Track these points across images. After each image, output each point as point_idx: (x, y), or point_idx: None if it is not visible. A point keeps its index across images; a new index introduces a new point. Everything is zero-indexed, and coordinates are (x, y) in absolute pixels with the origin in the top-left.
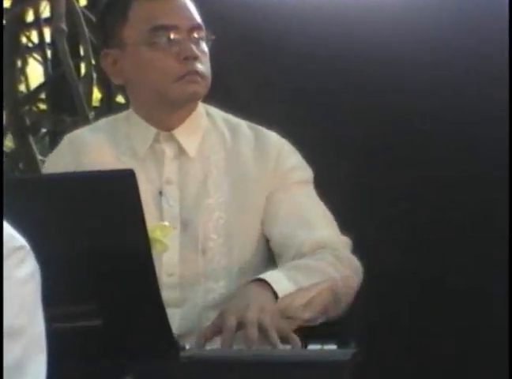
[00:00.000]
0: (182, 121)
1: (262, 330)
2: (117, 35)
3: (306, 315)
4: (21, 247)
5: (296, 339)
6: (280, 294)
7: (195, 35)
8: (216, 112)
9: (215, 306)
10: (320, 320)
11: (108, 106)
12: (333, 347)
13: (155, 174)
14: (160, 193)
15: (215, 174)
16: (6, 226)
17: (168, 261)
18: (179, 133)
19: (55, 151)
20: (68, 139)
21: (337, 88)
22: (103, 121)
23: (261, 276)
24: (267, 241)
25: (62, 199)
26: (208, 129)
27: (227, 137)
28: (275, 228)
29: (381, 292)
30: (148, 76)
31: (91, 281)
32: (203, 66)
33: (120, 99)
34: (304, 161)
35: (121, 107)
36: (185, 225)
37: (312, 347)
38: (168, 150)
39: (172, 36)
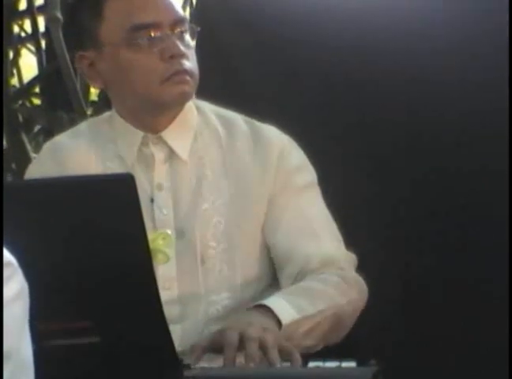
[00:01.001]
0: (170, 121)
1: (263, 347)
2: (92, 35)
3: (308, 342)
4: (8, 264)
5: (299, 358)
6: (283, 322)
7: (179, 29)
8: (208, 106)
9: (218, 319)
10: (319, 348)
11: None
12: (352, 364)
13: (145, 180)
14: (152, 200)
15: (210, 177)
16: None
17: (165, 274)
18: (169, 134)
19: (35, 161)
20: (48, 147)
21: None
22: (83, 125)
23: (265, 302)
24: (269, 249)
25: (56, 206)
26: (200, 126)
27: (221, 134)
28: (277, 238)
29: (402, 307)
30: (130, 78)
31: (89, 295)
32: (190, 63)
33: None
34: (307, 159)
35: None
36: (180, 234)
37: (329, 364)
38: (158, 154)
39: (153, 34)
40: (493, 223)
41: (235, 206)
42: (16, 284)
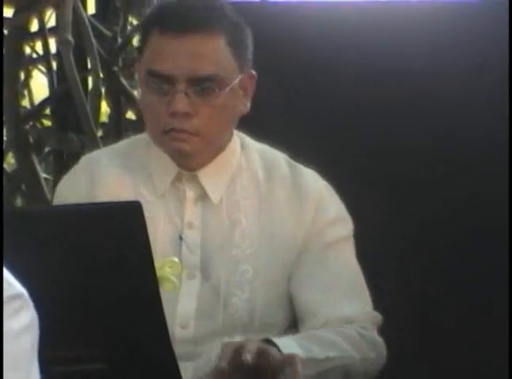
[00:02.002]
0: (209, 160)
1: (261, 350)
2: (139, 57)
3: None
4: (17, 296)
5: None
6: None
7: (196, 87)
8: (253, 144)
9: None
10: None
11: (117, 123)
12: None
13: (175, 214)
14: (181, 237)
15: (244, 223)
16: (3, 271)
17: (183, 312)
18: (204, 174)
19: (70, 174)
20: (84, 162)
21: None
22: (122, 144)
23: (271, 337)
24: (292, 299)
25: (63, 234)
26: (240, 168)
27: (261, 179)
28: (302, 290)
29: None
30: (144, 117)
31: (96, 323)
32: (199, 122)
33: (130, 115)
34: (344, 210)
35: (131, 124)
36: (206, 275)
37: None
38: (190, 192)
39: (164, 86)
40: None
41: (264, 255)
42: (27, 316)
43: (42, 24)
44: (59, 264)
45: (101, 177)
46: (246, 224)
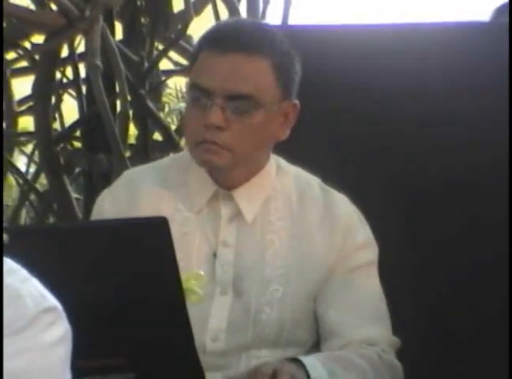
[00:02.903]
0: (245, 179)
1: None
2: (188, 73)
3: None
4: (52, 308)
5: None
6: (312, 376)
7: (231, 103)
8: (288, 168)
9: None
10: None
11: (145, 145)
12: None
13: (211, 232)
14: (215, 254)
15: (276, 245)
16: (36, 284)
17: (214, 326)
18: (239, 194)
19: (112, 187)
20: (125, 176)
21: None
22: (164, 161)
23: (299, 357)
24: (317, 319)
25: (93, 248)
26: (275, 190)
27: (294, 202)
28: (328, 312)
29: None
30: (184, 129)
31: (124, 334)
32: (231, 137)
33: (157, 136)
34: (371, 235)
35: (157, 145)
36: (238, 292)
37: None
38: (225, 210)
39: (203, 99)
40: None
41: (294, 277)
42: (60, 329)
43: (72, 50)
44: (89, 278)
45: (141, 192)
46: (279, 245)
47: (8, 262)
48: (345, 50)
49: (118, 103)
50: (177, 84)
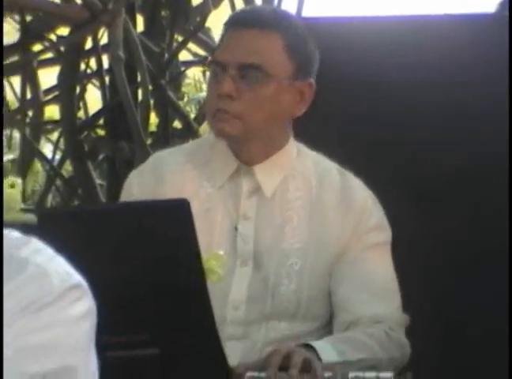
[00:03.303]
0: (264, 157)
1: (307, 361)
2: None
3: None
4: (77, 285)
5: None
6: (324, 360)
7: (245, 72)
8: (308, 153)
9: (275, 342)
10: None
11: (165, 132)
12: (389, 374)
13: (232, 206)
14: (236, 228)
15: (295, 221)
16: (61, 261)
17: (235, 296)
18: (260, 169)
19: (139, 169)
20: (153, 159)
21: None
22: (190, 143)
23: (310, 342)
24: (330, 294)
25: (117, 230)
26: (295, 171)
27: (313, 184)
28: (340, 288)
29: (437, 320)
30: (206, 104)
31: (148, 311)
32: (241, 106)
33: (177, 124)
34: (385, 218)
35: (177, 133)
36: (258, 265)
37: (368, 374)
38: (246, 185)
39: (219, 72)
40: None
41: (312, 251)
42: (85, 305)
43: (95, 42)
44: (113, 258)
45: (167, 171)
46: (297, 222)
47: (34, 242)
48: (359, 42)
49: (140, 92)
50: (195, 75)
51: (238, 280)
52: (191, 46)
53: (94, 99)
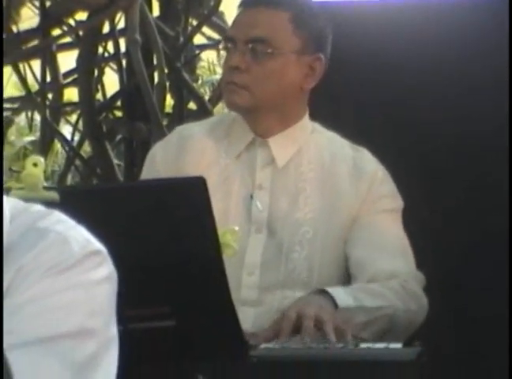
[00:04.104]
0: (279, 129)
1: (319, 323)
2: None
3: (364, 335)
4: (98, 252)
5: (350, 337)
6: (339, 305)
7: (252, 46)
8: (323, 132)
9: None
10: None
11: (180, 113)
12: (399, 345)
13: (248, 176)
14: (251, 196)
15: (308, 191)
16: (82, 230)
17: (250, 261)
18: (274, 141)
19: (164, 140)
20: (177, 131)
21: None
22: (214, 118)
23: (324, 287)
24: (347, 260)
25: (135, 207)
26: (309, 145)
27: (326, 158)
28: (355, 249)
29: (447, 290)
30: None
31: (165, 284)
32: (249, 77)
33: (192, 105)
34: (396, 190)
35: (192, 114)
36: (272, 232)
37: (378, 345)
38: (261, 156)
39: (230, 47)
40: None
41: (324, 220)
42: (106, 269)
43: (113, 26)
44: (133, 234)
45: (190, 143)
46: (310, 192)
47: (56, 214)
48: (370, 26)
49: (156, 74)
50: (209, 58)
51: (252, 247)
52: (205, 29)
53: (111, 81)
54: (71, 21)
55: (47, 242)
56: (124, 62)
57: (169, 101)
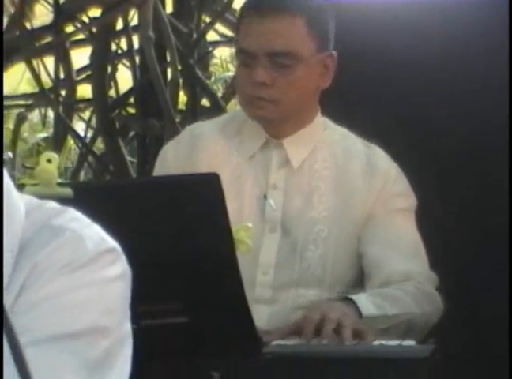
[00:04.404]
0: (294, 130)
1: (339, 327)
2: (236, 38)
3: (381, 339)
4: (112, 249)
5: (372, 337)
6: (364, 314)
7: (273, 60)
8: (335, 128)
9: (303, 308)
10: None
11: (193, 110)
12: (412, 342)
13: (262, 176)
14: (265, 196)
15: (322, 189)
16: (96, 228)
17: (264, 261)
18: (289, 142)
19: (175, 139)
20: (189, 129)
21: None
22: (225, 116)
23: (349, 296)
24: (361, 257)
25: (150, 203)
26: (322, 143)
27: (339, 155)
28: (370, 248)
29: (461, 288)
30: (236, 88)
31: (179, 281)
32: (276, 92)
33: (205, 102)
34: (410, 188)
35: (205, 110)
36: (286, 231)
37: (391, 342)
38: (275, 157)
39: (249, 61)
40: None
41: (338, 219)
42: (120, 267)
43: (126, 22)
44: (146, 230)
45: (201, 141)
46: (324, 191)
47: (71, 211)
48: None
49: (169, 71)
50: (222, 55)
51: (267, 246)
52: (218, 26)
53: (124, 78)
54: (84, 18)
55: (62, 239)
56: (137, 59)
57: (182, 98)
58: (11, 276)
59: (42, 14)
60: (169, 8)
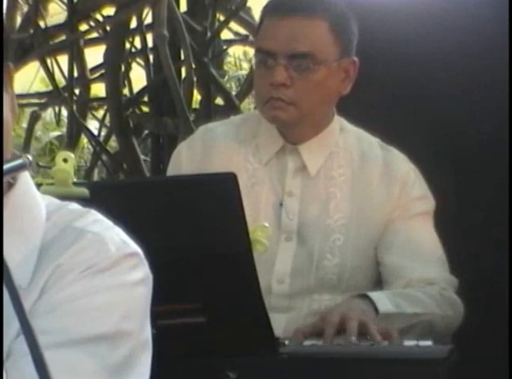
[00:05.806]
0: (310, 136)
1: (362, 326)
2: (255, 38)
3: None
4: (134, 254)
5: (396, 335)
6: (380, 311)
7: (293, 62)
8: (351, 129)
9: (319, 313)
10: None
11: (207, 109)
12: (429, 342)
13: (277, 183)
14: (281, 204)
15: (338, 197)
16: (118, 231)
17: (280, 270)
18: (305, 148)
19: (189, 140)
20: (202, 130)
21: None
22: (238, 117)
23: (365, 292)
24: (378, 264)
25: (167, 202)
26: (338, 147)
27: (355, 159)
28: (389, 256)
29: (477, 288)
30: (254, 89)
31: (195, 280)
32: (294, 93)
33: (219, 101)
34: (427, 190)
35: (219, 109)
36: (302, 240)
37: (408, 342)
38: (291, 163)
39: (268, 61)
40: None
41: (354, 226)
42: (141, 272)
43: (140, 20)
44: (163, 229)
45: (215, 143)
46: (340, 197)
47: (93, 213)
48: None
49: (183, 70)
50: (236, 53)
51: (282, 254)
52: (232, 25)
53: (138, 76)
54: (99, 16)
55: (84, 242)
56: (151, 57)
57: (196, 96)
58: (32, 277)
59: (56, 12)
60: (183, 6)
